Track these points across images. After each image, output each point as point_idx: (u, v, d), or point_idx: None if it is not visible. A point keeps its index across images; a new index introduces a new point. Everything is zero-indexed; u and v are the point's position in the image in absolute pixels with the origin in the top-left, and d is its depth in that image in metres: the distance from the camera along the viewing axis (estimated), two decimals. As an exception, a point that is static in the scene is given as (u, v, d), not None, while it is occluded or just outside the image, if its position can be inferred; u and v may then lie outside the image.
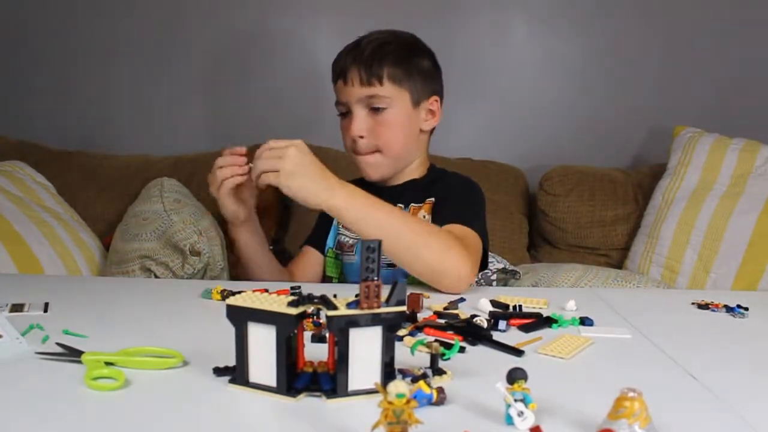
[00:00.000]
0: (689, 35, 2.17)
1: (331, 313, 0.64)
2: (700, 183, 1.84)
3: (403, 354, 0.78)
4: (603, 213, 1.96)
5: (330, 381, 0.66)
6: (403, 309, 0.67)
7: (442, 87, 1.36)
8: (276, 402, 0.65)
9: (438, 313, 0.97)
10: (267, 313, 0.65)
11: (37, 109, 2.29)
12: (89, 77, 2.26)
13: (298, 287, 1.06)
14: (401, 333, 0.86)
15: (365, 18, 2.19)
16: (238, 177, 1.16)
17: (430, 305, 1.02)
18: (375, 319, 0.65)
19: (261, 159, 1.08)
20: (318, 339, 0.84)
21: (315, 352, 0.74)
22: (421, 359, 0.75)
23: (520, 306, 1.02)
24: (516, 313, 0.99)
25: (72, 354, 0.76)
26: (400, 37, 1.32)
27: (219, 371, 0.71)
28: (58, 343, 0.79)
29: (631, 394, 0.55)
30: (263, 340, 0.66)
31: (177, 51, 2.23)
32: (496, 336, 0.87)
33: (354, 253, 1.36)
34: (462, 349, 0.82)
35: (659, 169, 1.97)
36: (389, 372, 0.67)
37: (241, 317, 0.66)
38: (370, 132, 1.27)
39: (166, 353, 0.75)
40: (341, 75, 1.28)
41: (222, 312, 0.67)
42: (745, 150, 1.85)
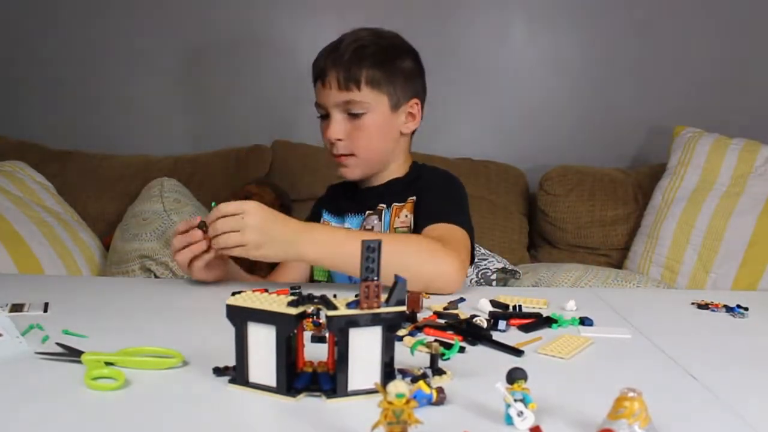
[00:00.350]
0: (689, 35, 2.17)
1: (331, 313, 0.64)
2: (700, 183, 1.84)
3: (403, 354, 0.78)
4: (603, 213, 1.96)
5: (330, 381, 0.66)
6: (403, 309, 0.67)
7: (424, 88, 1.35)
8: (276, 402, 0.65)
9: (438, 313, 0.97)
10: (267, 313, 0.65)
11: (37, 109, 2.29)
12: (89, 77, 2.26)
13: (298, 287, 1.06)
14: (401, 333, 0.86)
15: (366, 18, 2.19)
16: (204, 255, 1.11)
17: (430, 305, 1.02)
18: (375, 319, 0.65)
19: (219, 234, 1.03)
20: (318, 339, 0.84)
21: (315, 352, 0.74)
22: (421, 359, 0.75)
23: (520, 306, 1.02)
24: (516, 313, 0.99)
25: (72, 354, 0.76)
26: (381, 38, 1.31)
27: (219, 371, 0.71)
28: (58, 343, 0.79)
29: (631, 394, 0.55)
30: (263, 340, 0.66)
31: (177, 51, 2.23)
32: (496, 336, 0.87)
33: None
34: (462, 349, 0.82)
35: (659, 169, 1.97)
36: (389, 372, 0.67)
37: (241, 317, 0.66)
38: (347, 136, 1.26)
39: (166, 353, 0.75)
40: (320, 77, 1.29)
41: (222, 312, 0.67)
42: (745, 150, 1.85)
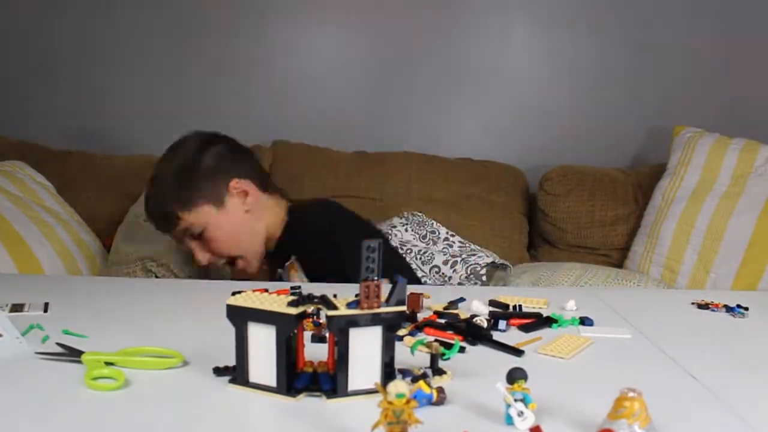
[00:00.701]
0: (689, 35, 2.17)
1: (331, 313, 0.64)
2: (700, 183, 1.84)
3: (403, 354, 0.78)
4: (603, 213, 1.96)
5: (330, 381, 0.66)
6: (403, 309, 0.67)
7: (237, 162, 1.37)
8: (276, 402, 0.65)
9: (438, 313, 0.97)
10: (267, 313, 0.65)
11: (37, 109, 2.29)
12: (89, 77, 2.26)
13: (298, 287, 1.06)
14: (401, 333, 0.86)
15: (366, 19, 2.20)
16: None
17: (430, 305, 1.02)
18: (375, 319, 0.65)
19: None
20: (318, 339, 0.84)
21: (315, 352, 0.74)
22: (421, 359, 0.75)
23: (520, 306, 1.02)
24: (516, 313, 0.99)
25: (72, 354, 0.76)
26: (168, 170, 1.33)
27: (219, 371, 0.71)
28: (58, 343, 0.79)
29: (631, 394, 0.55)
30: (263, 340, 0.66)
31: (177, 51, 2.22)
32: (496, 336, 0.87)
33: None
34: (462, 349, 0.82)
35: (659, 169, 1.97)
36: (389, 372, 0.67)
37: (241, 317, 0.66)
38: (210, 251, 1.34)
39: (166, 353, 0.75)
40: (154, 224, 1.37)
41: (222, 312, 0.67)
42: (745, 150, 1.85)
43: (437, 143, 2.15)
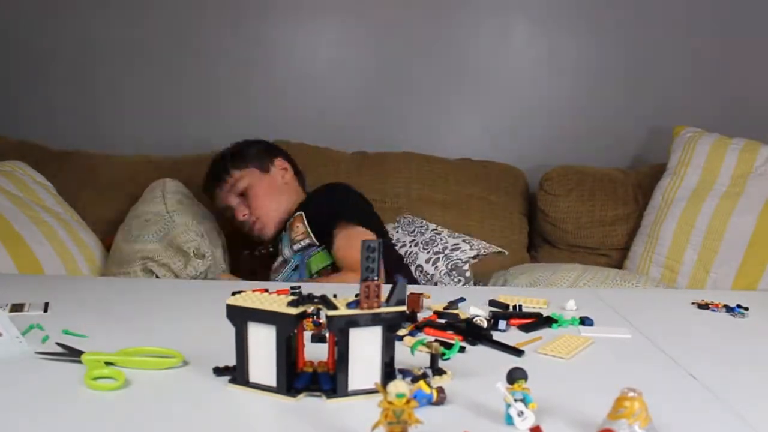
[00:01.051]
0: (689, 35, 2.17)
1: (331, 313, 0.64)
2: (699, 183, 1.84)
3: (403, 354, 0.78)
4: (603, 213, 1.96)
5: (330, 381, 0.66)
6: (403, 309, 0.67)
7: (282, 152, 1.75)
8: (276, 402, 0.65)
9: (438, 313, 0.97)
10: (267, 313, 0.65)
11: (37, 109, 2.29)
12: (89, 77, 2.26)
13: (298, 287, 1.06)
14: (401, 333, 0.86)
15: (366, 19, 2.20)
16: None
17: (430, 305, 1.02)
18: (375, 319, 0.65)
19: None
20: (318, 339, 0.84)
21: (315, 352, 0.74)
22: (421, 359, 0.75)
23: (520, 306, 1.02)
24: (516, 313, 0.99)
25: (72, 354, 0.76)
26: (227, 148, 1.73)
27: (219, 371, 0.71)
28: (58, 343, 0.79)
29: (631, 394, 0.55)
30: (263, 340, 0.66)
31: (177, 51, 2.22)
32: (496, 336, 0.87)
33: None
34: (462, 349, 0.82)
35: (659, 169, 1.97)
36: (389, 372, 0.67)
37: (241, 317, 0.66)
38: (248, 209, 1.63)
39: (166, 353, 0.75)
40: (210, 194, 1.71)
41: (222, 312, 0.67)
42: (745, 150, 1.85)
43: (437, 143, 2.15)
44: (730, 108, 2.16)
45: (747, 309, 1.05)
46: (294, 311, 0.64)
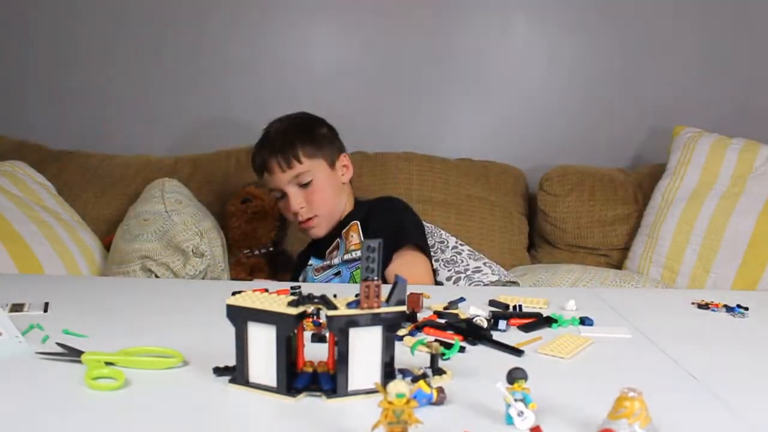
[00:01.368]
0: (689, 35, 2.17)
1: (331, 313, 0.64)
2: (699, 183, 1.84)
3: (403, 354, 0.78)
4: (603, 213, 1.96)
5: (330, 381, 0.66)
6: (403, 309, 0.67)
7: (342, 143, 1.62)
8: (276, 402, 0.65)
9: (438, 313, 0.97)
10: (267, 313, 0.65)
11: (37, 109, 2.29)
12: (89, 77, 2.26)
13: (298, 287, 1.06)
14: (401, 333, 0.86)
15: (366, 19, 2.20)
16: None
17: (430, 305, 1.02)
18: (375, 319, 0.65)
19: None
20: (318, 339, 0.84)
21: (315, 352, 0.74)
22: (421, 359, 0.75)
23: (520, 306, 1.02)
24: (516, 313, 0.99)
25: (72, 354, 0.76)
26: (295, 118, 1.59)
27: (219, 371, 0.71)
28: (58, 343, 0.79)
29: (631, 394, 0.55)
30: (263, 340, 0.66)
31: (177, 51, 2.22)
32: (496, 336, 0.87)
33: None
34: (462, 349, 0.82)
35: (659, 169, 1.97)
36: (389, 372, 0.67)
37: (241, 317, 0.66)
38: (305, 203, 1.50)
39: (166, 353, 0.75)
40: (264, 169, 1.53)
41: (222, 312, 0.67)
42: (745, 150, 1.85)
43: (437, 144, 2.15)
44: (730, 108, 2.16)
45: (747, 309, 1.05)
46: (294, 311, 0.64)
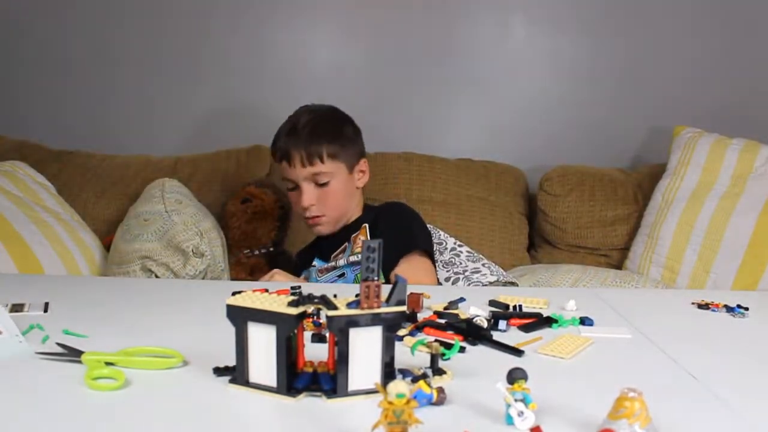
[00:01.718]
0: (689, 35, 2.17)
1: (331, 313, 0.64)
2: (699, 183, 1.84)
3: (403, 354, 0.78)
4: (603, 213, 1.96)
5: (330, 381, 0.66)
6: (403, 309, 0.67)
7: (364, 145, 1.58)
8: (276, 402, 0.65)
9: (438, 313, 0.97)
10: (267, 313, 0.65)
11: (37, 109, 2.29)
12: (89, 77, 2.26)
13: (298, 287, 1.06)
14: (401, 333, 0.86)
15: (366, 19, 2.20)
16: None
17: (430, 305, 1.02)
18: (375, 319, 0.65)
19: None
20: (318, 339, 0.84)
21: (315, 352, 0.74)
22: (421, 359, 0.75)
23: (520, 306, 1.02)
24: (516, 313, 0.99)
25: (72, 354, 0.76)
26: (325, 113, 1.53)
27: (219, 371, 0.71)
28: (58, 343, 0.79)
29: (631, 394, 0.55)
30: (263, 340, 0.66)
31: (177, 52, 2.22)
32: (496, 336, 0.87)
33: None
34: (462, 349, 0.82)
35: (659, 169, 1.97)
36: (389, 372, 0.67)
37: (241, 317, 0.66)
38: (317, 201, 1.47)
39: (166, 353, 0.75)
40: (284, 157, 1.48)
41: (222, 312, 0.67)
42: (745, 150, 1.85)
43: (437, 144, 2.15)
44: (730, 108, 2.16)
45: (747, 309, 1.05)
46: (294, 311, 0.64)
